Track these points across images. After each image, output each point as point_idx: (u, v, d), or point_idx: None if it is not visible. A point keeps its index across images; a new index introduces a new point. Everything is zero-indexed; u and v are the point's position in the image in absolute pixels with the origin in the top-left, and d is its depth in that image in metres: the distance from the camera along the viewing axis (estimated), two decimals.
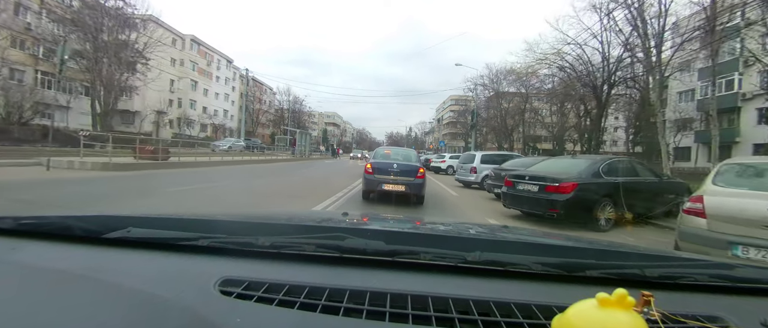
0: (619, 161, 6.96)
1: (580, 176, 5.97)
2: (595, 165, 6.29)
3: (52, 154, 12.22)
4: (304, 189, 10.04)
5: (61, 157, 11.40)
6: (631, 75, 19.35)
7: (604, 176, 6.10)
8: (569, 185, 5.76)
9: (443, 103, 72.92)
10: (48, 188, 7.03)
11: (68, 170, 10.11)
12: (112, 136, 12.67)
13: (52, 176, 8.82)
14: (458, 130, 55.79)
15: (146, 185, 8.08)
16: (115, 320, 0.53)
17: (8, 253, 0.74)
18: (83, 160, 10.78)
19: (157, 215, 0.95)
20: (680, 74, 18.28)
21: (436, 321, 0.57)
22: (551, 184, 5.89)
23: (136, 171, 11.00)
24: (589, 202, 5.72)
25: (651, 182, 6.86)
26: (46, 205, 5.19)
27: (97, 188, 7.44)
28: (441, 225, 1.47)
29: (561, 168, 6.68)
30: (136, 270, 0.69)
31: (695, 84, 25.22)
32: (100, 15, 20.08)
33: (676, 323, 0.55)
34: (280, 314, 0.56)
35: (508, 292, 0.67)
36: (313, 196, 8.10)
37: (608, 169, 6.27)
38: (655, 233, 6.17)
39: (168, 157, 14.09)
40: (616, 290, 0.44)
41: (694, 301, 0.70)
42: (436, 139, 74.10)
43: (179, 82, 39.16)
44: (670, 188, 7.20)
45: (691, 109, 25.84)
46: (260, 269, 0.71)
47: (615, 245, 1.20)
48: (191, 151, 17.32)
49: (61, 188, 6.98)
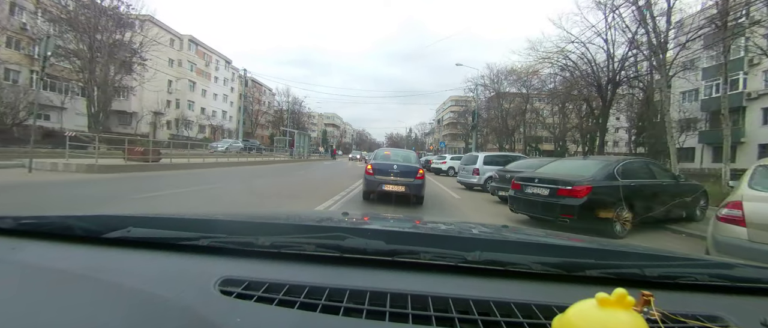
0: (634, 162, 6.55)
1: (594, 179, 5.54)
2: (610, 167, 5.86)
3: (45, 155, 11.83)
4: (302, 191, 9.88)
5: (52, 158, 10.91)
6: (634, 74, 18.90)
7: (619, 178, 5.66)
8: (583, 189, 5.32)
9: (443, 104, 72.31)
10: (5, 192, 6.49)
11: (51, 172, 9.66)
12: (99, 137, 12.16)
13: (32, 178, 8.39)
14: (458, 131, 55.27)
15: (119, 190, 7.51)
16: (115, 320, 0.53)
17: (8, 253, 0.74)
18: (68, 162, 10.29)
19: (158, 215, 0.95)
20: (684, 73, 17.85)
21: (436, 321, 0.57)
22: (563, 187, 5.46)
23: (121, 173, 10.52)
24: (605, 206, 5.26)
25: (668, 184, 6.44)
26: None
27: (60, 192, 6.95)
28: (441, 225, 1.45)
29: (573, 170, 6.24)
30: (137, 270, 0.69)
31: (699, 83, 24.83)
32: (96, 14, 19.64)
33: (676, 323, 0.55)
34: (280, 313, 0.57)
35: (508, 292, 0.67)
36: (314, 197, 7.96)
37: (623, 170, 5.84)
38: (675, 240, 5.74)
39: (159, 158, 13.62)
40: (616, 290, 0.44)
41: (694, 301, 0.70)
42: (436, 140, 73.64)
43: (177, 83, 38.69)
44: (687, 191, 6.76)
45: (695, 109, 25.44)
46: (260, 268, 0.72)
47: (615, 244, 1.19)
48: (184, 152, 16.77)
49: (18, 194, 6.42)
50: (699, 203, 7.19)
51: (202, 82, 44.16)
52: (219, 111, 47.42)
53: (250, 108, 52.10)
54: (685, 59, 15.80)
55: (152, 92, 31.36)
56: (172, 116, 38.19)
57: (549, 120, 35.35)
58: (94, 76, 19.65)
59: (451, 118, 63.68)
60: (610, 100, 19.66)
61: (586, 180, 5.58)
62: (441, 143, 54.48)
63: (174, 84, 38.36)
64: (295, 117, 57.15)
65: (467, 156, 15.25)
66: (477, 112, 33.39)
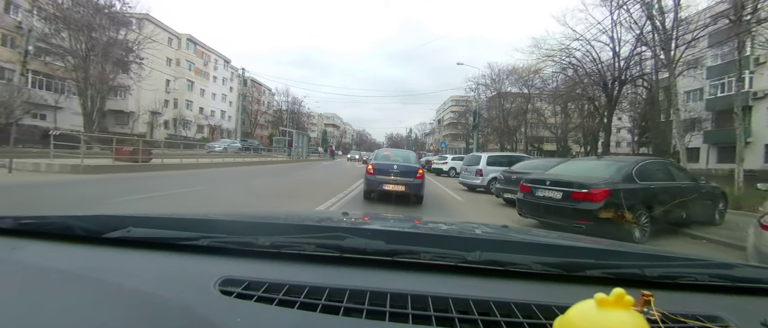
0: (652, 163, 6.09)
1: (612, 181, 5.06)
2: (628, 168, 5.40)
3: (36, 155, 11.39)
4: (300, 191, 9.72)
5: (39, 158, 10.44)
6: (639, 73, 18.41)
7: (637, 180, 5.18)
8: (600, 192, 4.85)
9: (444, 104, 71.75)
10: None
11: (33, 173, 9.20)
12: (87, 136, 11.64)
13: (11, 179, 7.91)
14: (459, 131, 54.72)
15: (94, 192, 6.97)
16: (115, 320, 0.53)
17: (9, 253, 0.74)
18: (51, 162, 9.85)
19: (158, 215, 0.95)
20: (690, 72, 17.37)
21: (436, 321, 0.57)
22: (578, 190, 4.99)
23: (107, 174, 10.09)
24: (624, 211, 4.80)
25: (687, 186, 5.98)
26: None
27: (27, 194, 6.53)
28: (441, 225, 1.44)
29: (587, 172, 5.78)
30: (137, 270, 0.69)
31: (704, 83, 24.33)
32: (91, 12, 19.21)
33: (676, 323, 0.56)
34: (280, 313, 0.57)
35: (508, 292, 0.67)
36: (314, 198, 7.88)
37: (642, 172, 5.35)
38: (696, 246, 5.26)
39: (149, 158, 13.14)
40: (615, 290, 0.44)
41: (694, 301, 0.70)
42: (436, 140, 72.99)
43: (175, 83, 38.47)
44: (707, 194, 6.29)
45: (700, 108, 24.95)
46: (260, 268, 0.72)
47: (615, 244, 1.16)
48: (176, 152, 16.26)
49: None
50: (718, 207, 6.74)
51: (201, 81, 43.82)
52: (217, 111, 47.09)
53: (249, 108, 51.73)
54: (691, 58, 15.34)
55: (150, 91, 31.00)
56: (170, 116, 37.84)
57: (551, 120, 34.84)
58: (89, 75, 19.17)
59: (452, 119, 63.08)
60: (616, 98, 19.17)
61: (603, 183, 5.12)
62: (442, 144, 54.06)
63: (172, 83, 38.13)
64: (295, 117, 56.86)
65: (470, 156, 14.72)
66: (478, 112, 32.83)
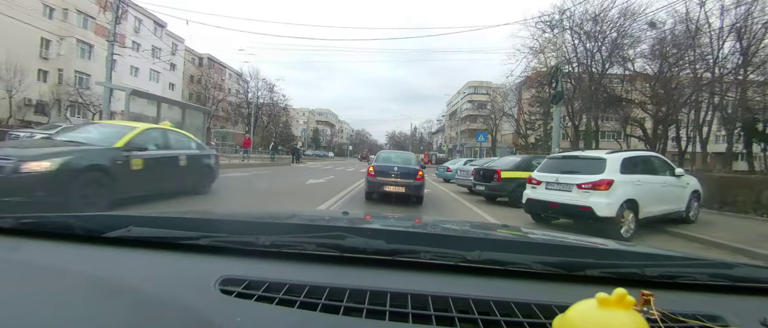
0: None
1: None
2: None
3: None
4: None
5: None
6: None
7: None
8: None
9: (458, 93, 61.20)
10: None
11: None
12: None
13: None
14: (479, 125, 42.82)
15: None
16: (115, 319, 0.55)
17: (9, 252, 0.76)
18: None
19: (158, 214, 0.96)
20: None
21: (436, 320, 0.60)
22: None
23: None
24: None
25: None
26: None
27: None
28: (441, 224, 1.48)
29: None
30: (137, 269, 0.71)
31: None
32: None
33: (676, 323, 0.58)
34: (280, 313, 0.59)
35: (508, 291, 0.69)
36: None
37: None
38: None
39: None
40: (616, 290, 0.46)
41: (694, 300, 0.72)
42: (447, 138, 61.65)
43: (61, 46, 27.21)
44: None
45: None
46: (260, 268, 0.73)
47: (614, 244, 1.19)
48: None
49: None
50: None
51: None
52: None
53: (203, 95, 41.31)
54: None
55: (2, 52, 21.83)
56: (45, 93, 26.52)
57: None
58: None
59: (470, 110, 51.02)
60: None
61: None
62: (458, 144, 43.05)
63: (53, 45, 26.98)
64: (270, 110, 44.91)
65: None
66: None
